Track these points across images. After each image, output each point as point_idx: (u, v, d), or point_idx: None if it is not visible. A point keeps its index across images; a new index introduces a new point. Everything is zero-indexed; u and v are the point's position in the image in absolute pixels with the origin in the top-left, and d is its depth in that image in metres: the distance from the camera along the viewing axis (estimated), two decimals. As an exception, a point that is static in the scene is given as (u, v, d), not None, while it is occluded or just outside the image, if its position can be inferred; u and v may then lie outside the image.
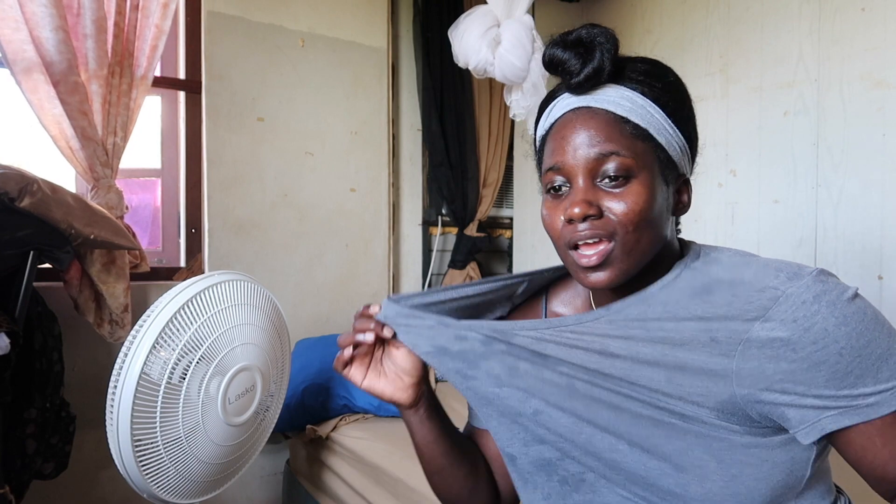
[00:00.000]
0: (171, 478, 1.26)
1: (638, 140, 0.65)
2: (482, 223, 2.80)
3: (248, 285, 1.41)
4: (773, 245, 2.18)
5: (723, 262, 0.68)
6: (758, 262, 0.66)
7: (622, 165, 0.64)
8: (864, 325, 0.60)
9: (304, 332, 2.29)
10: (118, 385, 1.17)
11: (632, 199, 0.64)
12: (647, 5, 2.69)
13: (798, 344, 0.59)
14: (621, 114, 0.65)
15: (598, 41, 0.64)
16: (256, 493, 2.27)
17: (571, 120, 0.67)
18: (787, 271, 0.63)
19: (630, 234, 0.64)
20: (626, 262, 0.65)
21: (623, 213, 0.64)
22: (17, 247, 1.44)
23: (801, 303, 0.60)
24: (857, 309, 0.60)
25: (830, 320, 0.59)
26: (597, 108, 0.66)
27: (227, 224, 2.20)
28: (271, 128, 2.29)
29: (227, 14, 2.18)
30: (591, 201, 0.64)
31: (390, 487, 1.59)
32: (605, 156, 0.64)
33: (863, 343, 0.59)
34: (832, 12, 2.00)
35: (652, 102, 0.66)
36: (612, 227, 0.64)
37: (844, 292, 0.61)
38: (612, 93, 0.66)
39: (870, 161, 1.91)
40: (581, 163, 0.65)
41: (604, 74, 0.64)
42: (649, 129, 0.65)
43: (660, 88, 0.67)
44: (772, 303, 0.61)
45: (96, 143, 1.79)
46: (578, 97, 0.67)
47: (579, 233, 0.65)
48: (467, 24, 1.91)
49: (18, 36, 1.67)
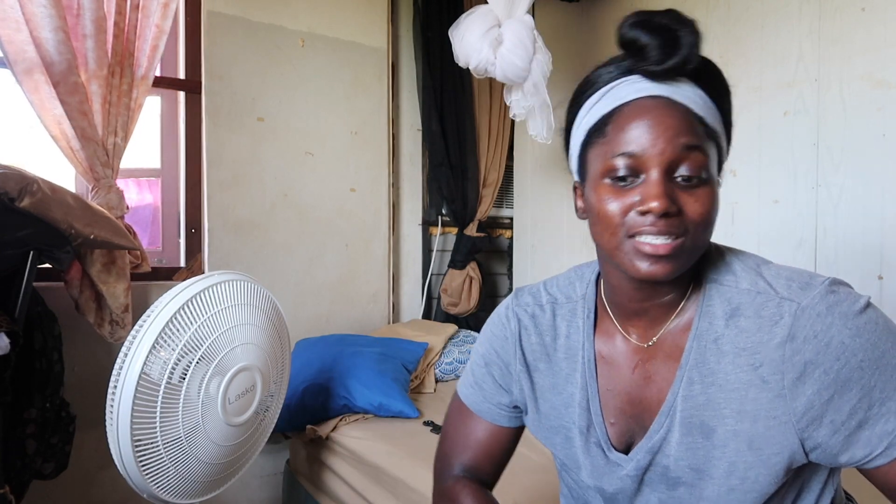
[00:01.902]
0: (171, 478, 1.26)
1: (710, 140, 0.64)
2: (482, 223, 2.80)
3: (247, 285, 1.41)
4: (773, 245, 2.18)
5: (738, 273, 0.68)
6: (768, 272, 0.67)
7: (701, 163, 0.62)
8: (878, 335, 0.60)
9: (304, 332, 2.29)
10: (118, 385, 1.17)
11: (706, 200, 0.63)
12: (646, 5, 2.68)
13: (825, 364, 0.60)
14: (698, 111, 0.63)
15: (687, 32, 0.61)
16: (256, 493, 2.27)
17: (651, 107, 0.63)
18: (798, 281, 0.64)
19: (700, 234, 0.63)
20: (687, 260, 0.64)
21: (699, 214, 0.62)
22: (17, 247, 1.44)
23: (817, 315, 0.60)
24: (869, 319, 0.61)
25: (845, 332, 0.59)
26: (678, 100, 0.63)
27: (227, 224, 2.20)
28: (271, 128, 2.29)
29: (227, 14, 2.18)
30: (672, 197, 0.62)
31: (390, 487, 1.59)
32: (690, 149, 0.62)
33: (878, 354, 0.59)
34: (832, 12, 2.00)
35: (716, 107, 0.65)
36: (685, 226, 0.62)
37: (856, 302, 0.61)
38: (688, 89, 0.63)
39: (870, 161, 1.91)
40: (662, 154, 0.62)
41: (689, 67, 0.62)
42: (717, 131, 0.65)
43: (721, 92, 0.66)
44: (791, 318, 0.61)
45: (96, 143, 1.79)
46: (656, 84, 0.63)
47: (650, 226, 0.62)
48: (468, 24, 1.91)
49: (19, 37, 1.67)
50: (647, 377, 0.72)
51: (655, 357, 0.71)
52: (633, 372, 0.73)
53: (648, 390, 0.71)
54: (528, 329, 0.82)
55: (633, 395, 0.73)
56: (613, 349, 0.75)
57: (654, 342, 0.71)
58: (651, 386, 0.71)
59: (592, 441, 0.75)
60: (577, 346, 0.77)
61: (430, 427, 1.81)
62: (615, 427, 0.74)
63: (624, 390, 0.73)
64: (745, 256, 0.71)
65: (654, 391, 0.71)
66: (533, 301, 0.83)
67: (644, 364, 0.72)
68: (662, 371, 0.70)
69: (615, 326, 0.75)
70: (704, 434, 0.66)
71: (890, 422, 0.60)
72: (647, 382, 0.72)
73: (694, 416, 0.67)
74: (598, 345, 0.76)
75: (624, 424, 0.74)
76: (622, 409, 0.73)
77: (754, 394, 0.63)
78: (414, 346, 2.20)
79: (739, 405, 0.64)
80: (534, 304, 0.83)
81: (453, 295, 2.70)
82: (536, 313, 0.82)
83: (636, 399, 0.72)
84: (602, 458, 0.74)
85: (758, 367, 0.63)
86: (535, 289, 0.85)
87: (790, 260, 2.13)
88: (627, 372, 0.73)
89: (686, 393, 0.67)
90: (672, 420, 0.68)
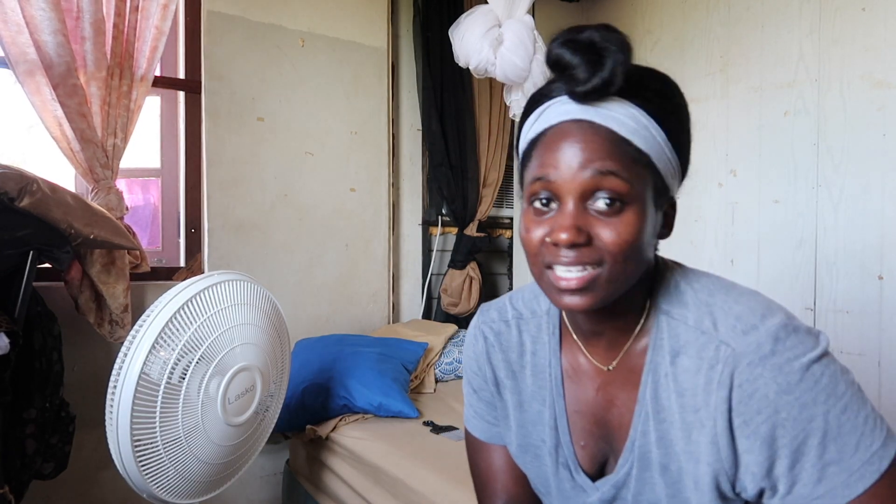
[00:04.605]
0: (171, 478, 1.26)
1: (637, 164, 0.60)
2: (482, 223, 2.80)
3: (247, 285, 1.40)
4: (773, 245, 2.18)
5: (688, 306, 0.65)
6: (721, 306, 0.63)
7: (618, 190, 0.59)
8: (813, 395, 0.56)
9: (304, 332, 2.29)
10: (118, 385, 1.17)
11: (624, 228, 0.59)
12: (647, 5, 2.68)
13: (746, 415, 0.58)
14: (624, 134, 0.60)
15: (612, 50, 0.57)
16: (256, 493, 2.27)
17: (570, 131, 0.61)
18: (745, 322, 0.61)
19: (618, 263, 0.60)
20: (608, 290, 0.61)
21: (613, 243, 0.59)
22: (17, 247, 1.44)
23: (747, 364, 0.58)
24: (810, 376, 0.56)
25: (772, 386, 0.57)
26: (599, 123, 0.60)
27: (227, 224, 2.20)
28: (271, 128, 2.29)
29: (227, 14, 2.18)
30: (581, 227, 0.59)
31: (390, 487, 1.59)
32: (603, 175, 0.59)
33: (806, 415, 0.56)
34: (832, 12, 2.00)
35: (656, 124, 0.61)
36: (599, 256, 0.60)
37: (800, 357, 0.57)
38: (618, 108, 0.60)
39: (870, 161, 1.91)
40: (575, 182, 0.59)
41: (613, 88, 0.58)
42: (650, 153, 0.61)
43: (665, 109, 0.62)
44: (722, 365, 0.60)
45: (95, 144, 1.79)
46: (580, 106, 0.61)
47: (562, 258, 0.60)
48: (468, 24, 1.91)
49: (21, 39, 1.68)
50: (609, 400, 0.71)
51: (615, 381, 0.70)
52: (597, 393, 0.72)
53: (611, 414, 0.71)
54: (493, 346, 0.80)
55: (599, 417, 0.72)
56: (578, 368, 0.73)
57: (613, 366, 0.70)
58: (613, 410, 0.70)
59: (560, 462, 0.74)
60: (543, 364, 0.76)
61: (430, 427, 1.81)
62: (586, 450, 0.73)
63: (590, 411, 0.72)
64: (700, 285, 0.67)
65: (615, 416, 0.70)
66: (498, 317, 0.81)
67: (606, 387, 0.71)
68: (622, 396, 0.69)
69: (578, 345, 0.73)
70: (660, 470, 0.66)
71: (806, 486, 0.57)
72: (609, 406, 0.71)
73: (650, 451, 0.66)
74: (564, 362, 0.75)
75: (595, 447, 0.73)
76: (590, 430, 0.73)
77: (696, 436, 0.62)
78: (414, 346, 2.20)
79: (685, 444, 0.63)
80: (499, 320, 0.81)
81: (453, 295, 2.70)
82: (501, 329, 0.80)
83: (601, 421, 0.72)
84: (569, 481, 0.73)
85: (698, 409, 0.62)
86: (500, 303, 0.83)
87: (790, 260, 2.13)
88: (592, 392, 0.72)
89: (643, 428, 0.66)
90: (634, 455, 0.67)
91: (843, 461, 0.56)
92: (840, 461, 0.56)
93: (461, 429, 1.75)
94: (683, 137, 0.65)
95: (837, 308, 1.99)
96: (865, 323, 1.92)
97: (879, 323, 1.89)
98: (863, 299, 1.93)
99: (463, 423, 0.93)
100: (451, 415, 1.93)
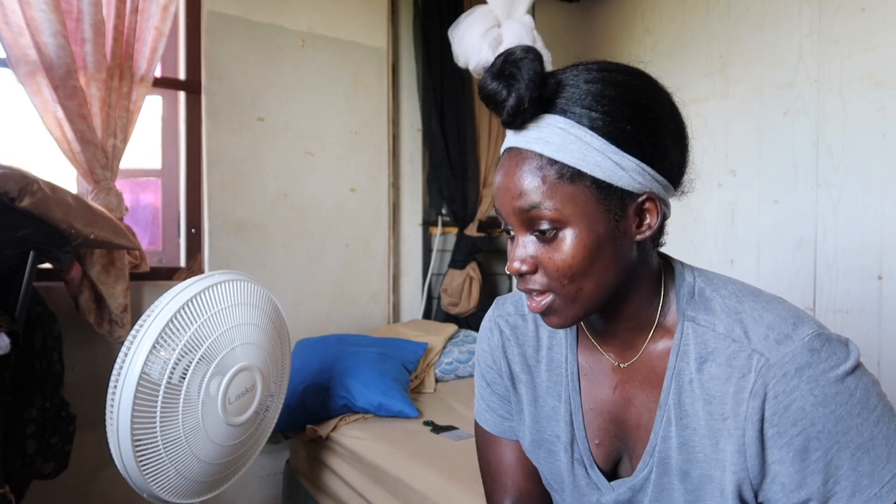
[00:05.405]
0: (171, 478, 1.26)
1: (565, 183, 0.59)
2: (482, 223, 2.80)
3: (247, 285, 1.41)
4: (773, 245, 2.18)
5: (716, 313, 0.64)
6: (750, 314, 0.62)
7: (545, 218, 0.59)
8: (848, 408, 0.56)
9: (304, 332, 2.29)
10: (118, 385, 1.17)
11: (563, 252, 0.60)
12: (647, 5, 2.69)
13: (780, 426, 0.58)
14: (549, 154, 0.59)
15: (515, 69, 0.56)
16: (256, 493, 2.28)
17: (503, 164, 0.63)
18: (778, 331, 0.59)
19: (567, 286, 0.61)
20: (572, 309, 0.62)
21: (554, 269, 0.60)
22: (17, 247, 1.44)
23: (783, 375, 0.57)
24: (844, 389, 0.56)
25: (809, 398, 0.56)
26: (524, 149, 0.60)
27: (227, 224, 2.20)
28: (271, 128, 2.30)
29: (227, 14, 2.18)
30: (523, 259, 0.62)
31: (390, 487, 1.59)
32: (526, 210, 0.60)
33: (841, 429, 0.56)
34: (832, 12, 2.00)
35: (590, 130, 0.58)
36: (546, 282, 0.61)
37: (835, 367, 0.57)
38: (544, 127, 0.59)
39: (870, 161, 1.91)
40: (513, 216, 0.62)
41: (525, 105, 0.57)
42: (580, 165, 0.58)
43: (603, 108, 0.59)
44: (756, 374, 0.59)
45: (95, 145, 1.79)
46: (514, 134, 0.61)
47: (522, 284, 0.64)
48: (468, 24, 1.91)
49: (22, 40, 1.69)
50: (626, 399, 0.71)
51: (634, 380, 0.70)
52: (614, 391, 0.72)
53: (628, 413, 0.71)
54: (509, 340, 0.80)
55: (615, 416, 0.72)
56: (595, 365, 0.73)
57: (630, 364, 0.70)
58: (631, 409, 0.70)
59: (576, 458, 0.74)
60: (559, 359, 0.76)
61: (431, 427, 1.81)
62: (601, 448, 0.73)
63: (606, 409, 0.72)
64: (727, 291, 0.66)
65: (633, 415, 0.70)
66: (515, 310, 0.81)
67: (623, 385, 0.71)
68: (640, 397, 0.69)
69: (594, 343, 0.73)
70: (680, 476, 0.65)
71: (841, 499, 0.57)
72: (627, 405, 0.71)
73: (671, 457, 0.66)
74: (581, 359, 0.74)
75: (610, 445, 0.73)
76: (606, 428, 0.72)
77: (723, 444, 0.62)
78: (414, 345, 2.20)
79: (712, 452, 0.63)
80: (515, 314, 0.81)
81: (453, 295, 2.70)
82: (518, 323, 0.80)
83: (618, 419, 0.72)
84: (584, 478, 0.73)
85: (726, 417, 0.61)
86: (516, 297, 0.83)
87: (790, 260, 2.13)
88: (608, 390, 0.72)
89: (665, 433, 0.66)
90: (654, 460, 0.67)
91: (876, 473, 0.56)
92: (873, 473, 0.56)
93: (461, 429, 1.75)
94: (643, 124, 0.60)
95: (837, 308, 1.99)
96: (865, 323, 1.92)
97: (879, 323, 1.89)
98: (862, 299, 1.93)
99: (463, 423, 0.93)
100: (451, 415, 1.93)
